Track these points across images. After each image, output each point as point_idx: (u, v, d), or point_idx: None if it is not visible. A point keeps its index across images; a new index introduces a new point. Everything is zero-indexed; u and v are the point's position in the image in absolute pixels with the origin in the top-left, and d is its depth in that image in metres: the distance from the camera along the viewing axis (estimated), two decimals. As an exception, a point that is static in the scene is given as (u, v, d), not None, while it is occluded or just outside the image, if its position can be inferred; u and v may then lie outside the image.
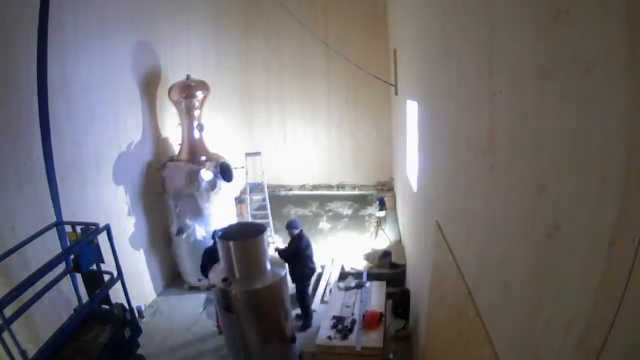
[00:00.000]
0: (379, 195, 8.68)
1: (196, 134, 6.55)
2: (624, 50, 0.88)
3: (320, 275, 6.71)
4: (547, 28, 1.24)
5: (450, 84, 2.77)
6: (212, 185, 6.27)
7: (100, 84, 5.47)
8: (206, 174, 6.17)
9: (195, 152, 6.52)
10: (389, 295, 5.50)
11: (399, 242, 7.55)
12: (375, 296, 5.42)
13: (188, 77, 6.46)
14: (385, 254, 7.00)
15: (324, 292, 6.35)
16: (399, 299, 5.36)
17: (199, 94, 6.42)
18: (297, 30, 8.17)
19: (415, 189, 5.09)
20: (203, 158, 6.50)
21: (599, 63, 0.98)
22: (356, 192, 10.51)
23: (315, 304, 6.08)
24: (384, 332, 4.71)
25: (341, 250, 7.51)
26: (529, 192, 1.38)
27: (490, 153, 1.85)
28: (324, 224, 8.91)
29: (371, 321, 4.70)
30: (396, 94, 8.11)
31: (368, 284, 5.72)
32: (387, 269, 6.65)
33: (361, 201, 10.03)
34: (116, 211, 5.80)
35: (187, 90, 6.35)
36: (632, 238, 0.85)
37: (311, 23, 7.42)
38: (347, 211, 9.52)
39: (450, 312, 2.60)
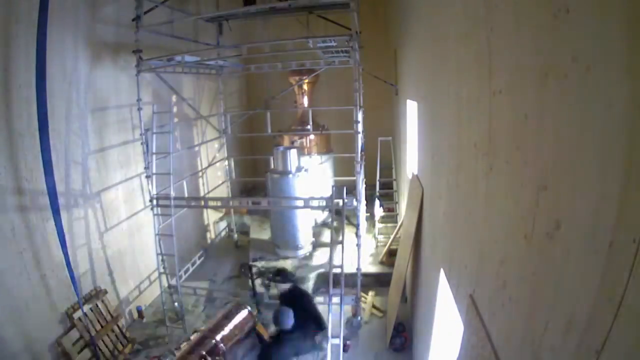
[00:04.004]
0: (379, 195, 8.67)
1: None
2: (624, 50, 0.88)
3: None
4: (547, 28, 1.25)
5: (450, 84, 2.77)
6: None
7: (101, 83, 5.47)
8: None
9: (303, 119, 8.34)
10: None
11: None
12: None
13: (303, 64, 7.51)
14: (391, 252, 6.97)
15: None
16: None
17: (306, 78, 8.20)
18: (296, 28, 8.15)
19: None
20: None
21: (599, 63, 0.99)
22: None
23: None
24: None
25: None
26: (529, 192, 1.38)
27: (490, 153, 1.85)
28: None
29: None
30: (396, 94, 8.11)
31: None
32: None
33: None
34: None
35: (299, 74, 8.09)
36: (632, 238, 0.85)
37: (311, 22, 7.42)
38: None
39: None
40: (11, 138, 4.06)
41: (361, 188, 5.72)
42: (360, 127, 5.08)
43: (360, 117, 5.06)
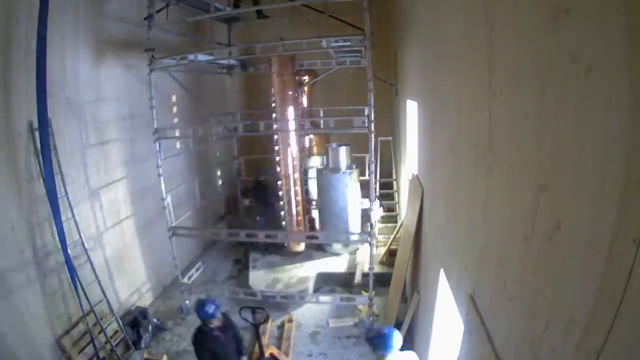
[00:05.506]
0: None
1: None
2: (624, 50, 0.88)
3: None
4: (547, 28, 1.25)
5: (450, 83, 2.77)
6: None
7: (102, 81, 5.48)
8: None
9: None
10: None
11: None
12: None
13: (302, 64, 7.68)
14: (391, 252, 6.97)
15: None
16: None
17: (306, 77, 8.13)
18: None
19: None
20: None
21: (599, 63, 0.99)
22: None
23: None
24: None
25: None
26: (529, 192, 1.38)
27: (490, 153, 1.85)
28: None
29: None
30: (396, 94, 8.12)
31: None
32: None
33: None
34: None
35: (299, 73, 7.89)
36: (632, 238, 0.85)
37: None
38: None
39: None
40: (11, 138, 4.06)
41: (374, 187, 5.69)
42: (372, 127, 5.07)
43: (372, 116, 5.05)
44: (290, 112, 6.96)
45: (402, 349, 2.94)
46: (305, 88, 8.39)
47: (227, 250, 8.40)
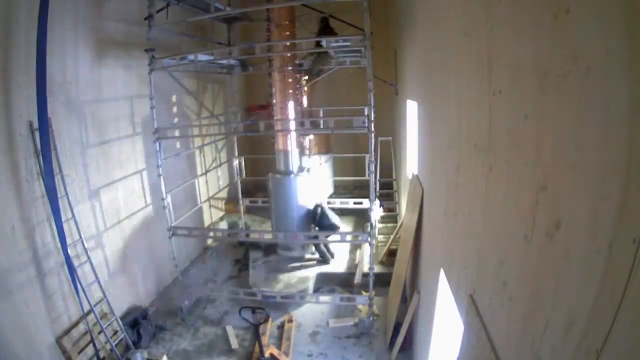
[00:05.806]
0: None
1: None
2: (624, 50, 0.88)
3: None
4: (547, 28, 1.25)
5: (450, 83, 2.77)
6: None
7: (102, 81, 5.48)
8: None
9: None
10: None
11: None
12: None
13: (301, 64, 7.64)
14: (391, 252, 6.98)
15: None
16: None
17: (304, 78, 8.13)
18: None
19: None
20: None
21: (599, 63, 0.99)
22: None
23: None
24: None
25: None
26: (529, 192, 1.38)
27: (490, 153, 1.85)
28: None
29: None
30: (396, 94, 8.13)
31: None
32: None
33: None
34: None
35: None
36: (632, 238, 0.85)
37: (308, 22, 7.44)
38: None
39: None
40: (11, 138, 4.06)
41: (374, 188, 5.69)
42: (372, 127, 5.07)
43: (372, 116, 5.05)
44: (291, 109, 6.96)
45: (402, 349, 2.94)
46: (305, 88, 8.40)
47: (227, 250, 8.41)
